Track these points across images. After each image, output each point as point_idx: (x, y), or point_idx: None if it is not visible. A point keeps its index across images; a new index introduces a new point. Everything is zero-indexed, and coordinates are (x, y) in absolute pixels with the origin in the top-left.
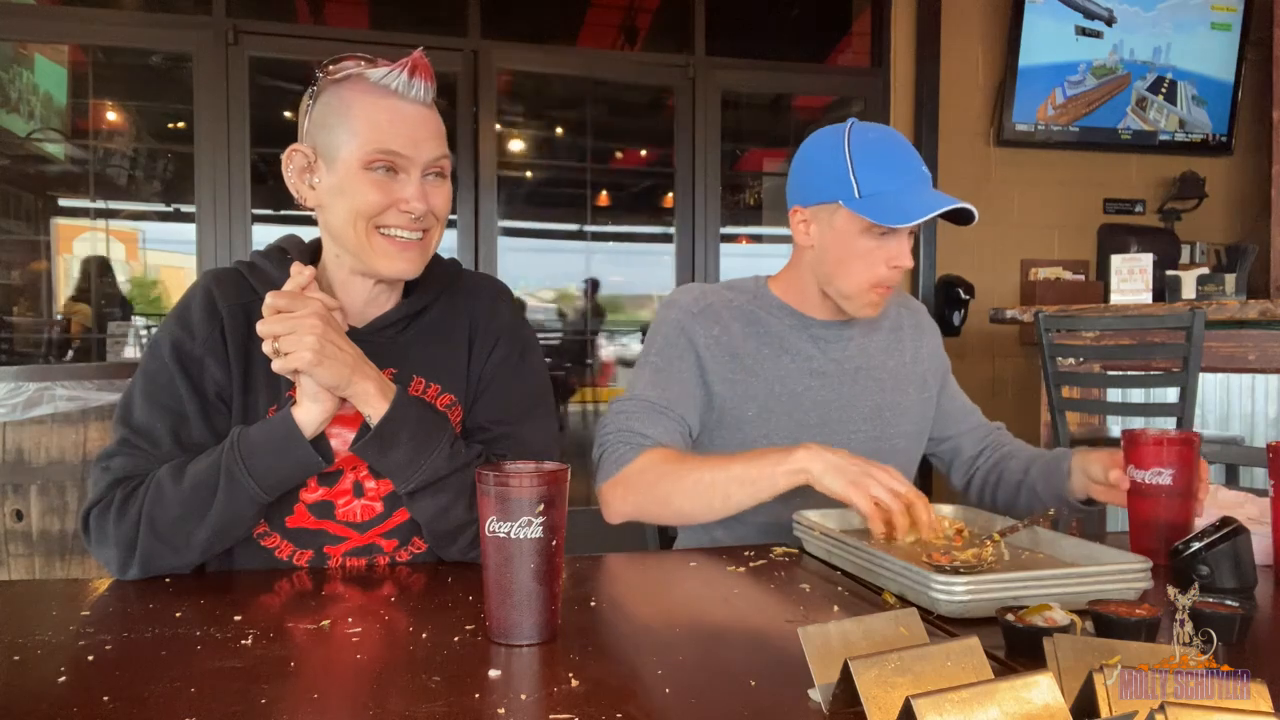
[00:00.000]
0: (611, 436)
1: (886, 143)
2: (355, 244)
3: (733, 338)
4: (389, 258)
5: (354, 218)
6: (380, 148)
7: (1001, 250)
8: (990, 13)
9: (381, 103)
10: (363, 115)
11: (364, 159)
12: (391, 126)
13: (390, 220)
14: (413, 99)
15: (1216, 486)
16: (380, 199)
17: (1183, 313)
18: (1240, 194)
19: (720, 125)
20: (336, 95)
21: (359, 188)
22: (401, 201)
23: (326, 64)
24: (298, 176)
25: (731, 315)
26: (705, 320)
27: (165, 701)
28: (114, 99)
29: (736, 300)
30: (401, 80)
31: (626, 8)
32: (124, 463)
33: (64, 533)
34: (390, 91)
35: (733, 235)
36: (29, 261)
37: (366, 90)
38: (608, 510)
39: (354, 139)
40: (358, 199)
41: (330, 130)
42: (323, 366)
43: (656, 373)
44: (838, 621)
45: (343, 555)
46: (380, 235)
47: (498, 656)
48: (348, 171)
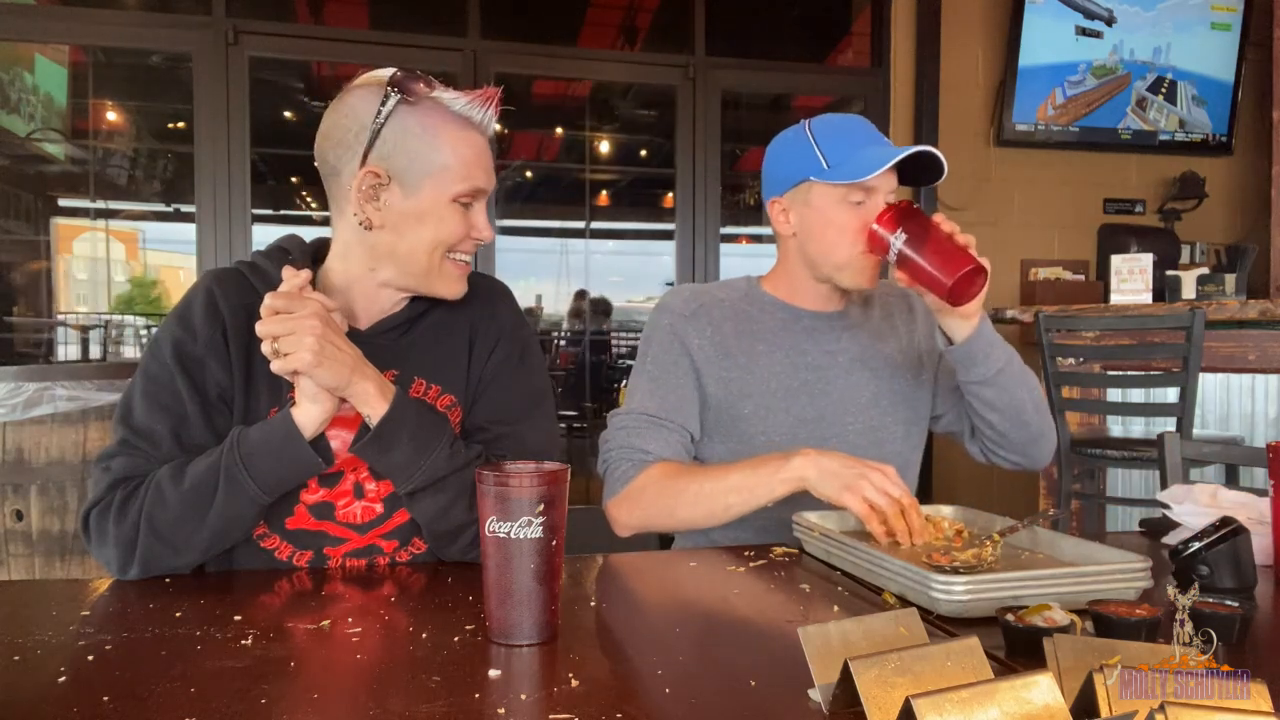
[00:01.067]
0: (614, 454)
1: (846, 119)
2: (425, 268)
3: (725, 336)
4: (456, 281)
5: (435, 246)
6: (473, 185)
7: (1001, 250)
8: (990, 13)
9: (465, 135)
10: (451, 148)
11: (456, 193)
12: (479, 163)
13: (462, 248)
14: (488, 133)
15: (1216, 487)
16: (463, 230)
17: (1183, 313)
18: (1240, 194)
19: (720, 125)
20: (416, 120)
21: (447, 219)
22: (475, 230)
23: (395, 84)
24: (365, 196)
25: (723, 314)
26: (697, 321)
27: (165, 701)
28: (114, 99)
29: (728, 299)
30: (487, 116)
31: (626, 8)
32: (124, 463)
33: (64, 533)
34: (471, 124)
35: (733, 235)
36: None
37: (449, 120)
38: (616, 526)
39: (445, 172)
40: (445, 230)
41: (412, 156)
42: (322, 367)
43: (653, 382)
44: (838, 621)
45: (343, 556)
46: (449, 260)
47: (498, 656)
48: (435, 201)
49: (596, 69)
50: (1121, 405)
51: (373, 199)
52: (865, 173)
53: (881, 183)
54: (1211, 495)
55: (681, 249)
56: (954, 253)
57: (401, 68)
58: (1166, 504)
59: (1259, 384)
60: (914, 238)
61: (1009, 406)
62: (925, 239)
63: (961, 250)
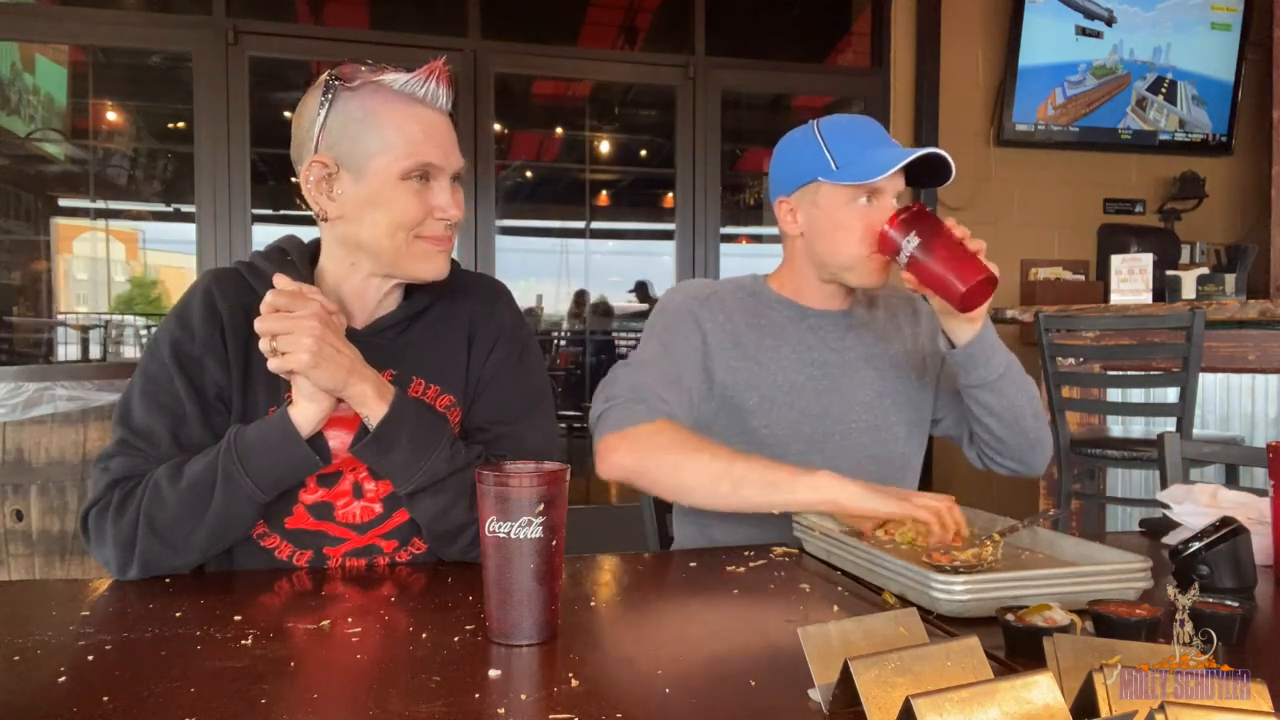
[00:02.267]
0: (625, 392)
1: (854, 120)
2: (393, 253)
3: (735, 326)
4: (428, 259)
5: (394, 229)
6: (420, 160)
7: (1001, 250)
8: (990, 13)
9: (409, 111)
10: (394, 125)
11: (402, 171)
12: (426, 137)
13: (427, 230)
14: (438, 107)
15: (1216, 487)
16: (420, 209)
17: (1183, 313)
18: (1240, 194)
19: (720, 125)
20: (358, 105)
21: (398, 199)
22: (438, 209)
23: (335, 72)
24: (316, 188)
25: (734, 306)
26: (710, 307)
27: (165, 701)
28: (114, 99)
29: (738, 293)
30: (429, 89)
31: (626, 8)
32: (123, 463)
33: (64, 533)
34: (416, 100)
35: (733, 235)
36: (29, 262)
37: (390, 99)
38: (605, 463)
39: (388, 150)
40: (398, 211)
41: (355, 140)
42: (320, 369)
43: (662, 346)
44: (838, 621)
45: (342, 556)
46: (419, 241)
47: (498, 656)
48: (383, 183)
49: (596, 69)
50: (1121, 405)
51: (326, 190)
52: (875, 174)
53: (889, 184)
54: (1211, 495)
55: (681, 249)
56: (966, 260)
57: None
58: (1166, 504)
59: (1259, 384)
60: (926, 243)
61: (1008, 411)
62: (937, 244)
63: (973, 257)
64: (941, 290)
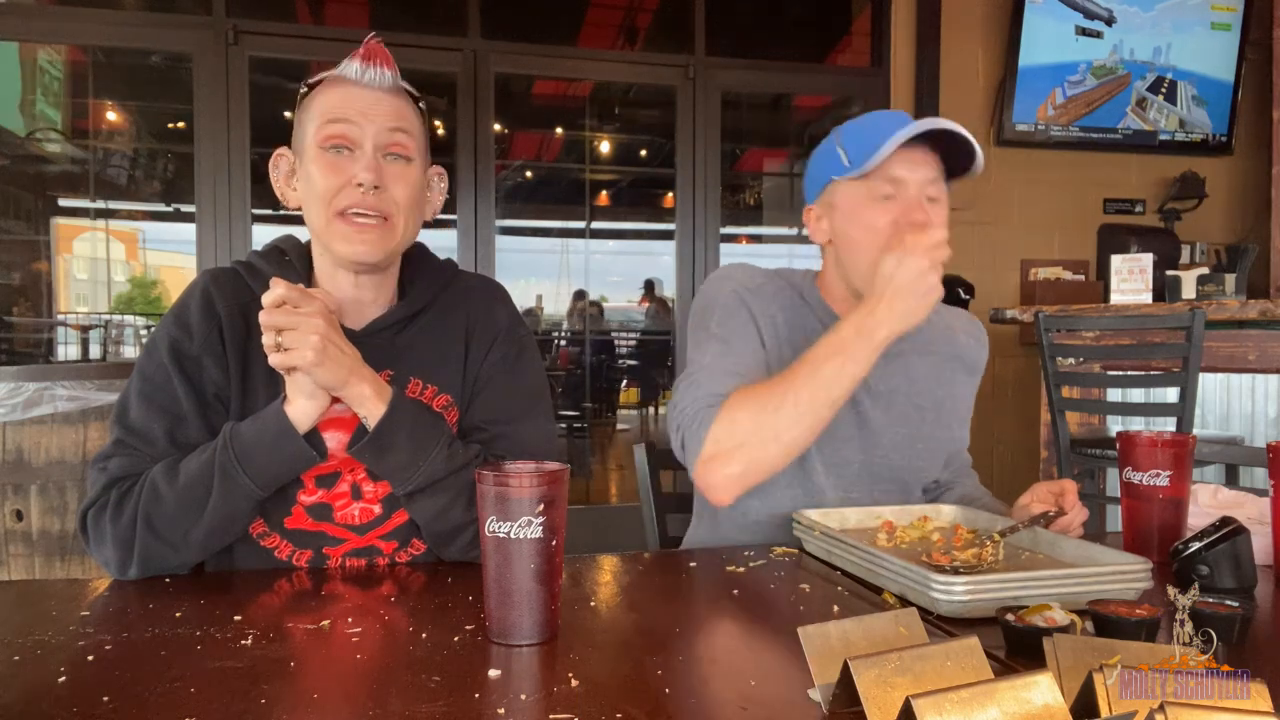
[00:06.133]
0: (689, 410)
1: (877, 115)
2: (322, 231)
3: (784, 325)
4: (347, 240)
5: (318, 204)
6: (332, 127)
7: (1001, 250)
8: (990, 12)
9: (338, 90)
10: (320, 102)
11: (319, 140)
12: (342, 104)
13: (346, 200)
14: (367, 83)
15: (1216, 487)
16: (337, 180)
17: (1183, 313)
18: (1240, 194)
19: (720, 125)
20: (310, 99)
21: (317, 170)
22: (353, 179)
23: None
24: (284, 181)
25: (779, 305)
26: (763, 298)
27: (165, 701)
28: (114, 99)
29: (785, 292)
30: (354, 67)
31: (626, 8)
32: (120, 463)
33: (64, 533)
34: (346, 80)
35: (733, 235)
36: (29, 261)
37: (329, 84)
38: (714, 492)
39: (312, 123)
40: (317, 181)
41: (300, 127)
42: (323, 367)
43: (722, 343)
44: (838, 621)
45: (342, 556)
46: (340, 219)
47: (498, 656)
48: (311, 159)
49: (596, 69)
50: (1121, 405)
51: (290, 181)
52: (873, 155)
53: (910, 173)
54: (1212, 495)
55: (681, 249)
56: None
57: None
58: None
59: (1259, 384)
60: None
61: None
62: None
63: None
64: (1127, 528)
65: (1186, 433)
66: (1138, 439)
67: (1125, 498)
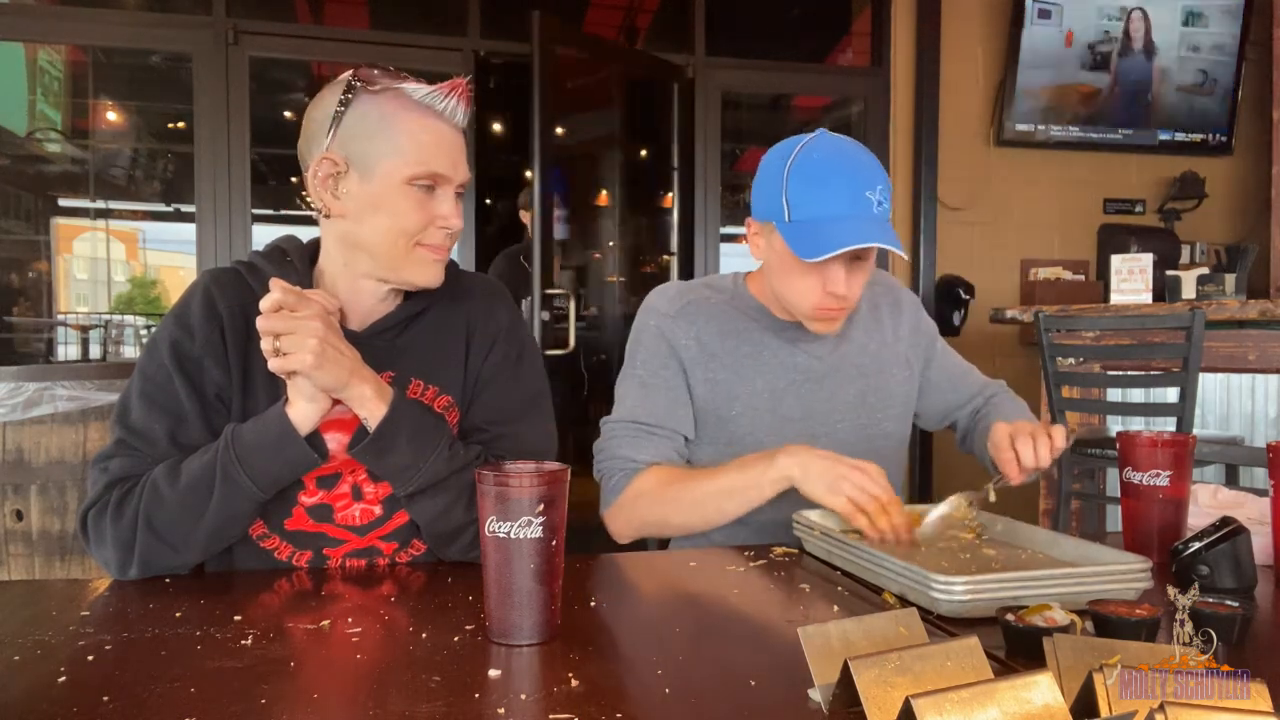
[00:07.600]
0: (606, 464)
1: (831, 163)
2: (391, 257)
3: (711, 337)
4: (425, 266)
5: (396, 234)
6: (427, 169)
7: (1001, 250)
8: (990, 13)
9: (425, 122)
10: (407, 132)
11: (409, 176)
12: (436, 148)
13: (432, 239)
14: (454, 123)
15: (1216, 487)
16: (423, 217)
17: (1183, 313)
18: (1240, 194)
19: (720, 125)
20: (375, 107)
21: (402, 205)
22: (440, 219)
23: (357, 74)
24: (322, 184)
25: (709, 314)
26: (683, 321)
27: (165, 701)
28: (114, 99)
29: (714, 299)
30: (449, 104)
31: (626, 8)
32: (121, 464)
33: (64, 533)
34: (434, 112)
35: (733, 235)
36: (29, 261)
37: (409, 107)
38: (614, 534)
39: (398, 155)
40: (400, 216)
41: (369, 142)
42: (322, 369)
43: (643, 387)
44: (838, 621)
45: (342, 557)
46: (418, 248)
47: (498, 656)
48: (388, 186)
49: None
50: (1121, 405)
51: (331, 187)
52: (809, 254)
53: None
54: (1211, 495)
55: (681, 249)
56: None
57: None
58: None
59: (1259, 384)
60: None
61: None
62: None
63: None
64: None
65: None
66: (1138, 439)
67: (1125, 498)
